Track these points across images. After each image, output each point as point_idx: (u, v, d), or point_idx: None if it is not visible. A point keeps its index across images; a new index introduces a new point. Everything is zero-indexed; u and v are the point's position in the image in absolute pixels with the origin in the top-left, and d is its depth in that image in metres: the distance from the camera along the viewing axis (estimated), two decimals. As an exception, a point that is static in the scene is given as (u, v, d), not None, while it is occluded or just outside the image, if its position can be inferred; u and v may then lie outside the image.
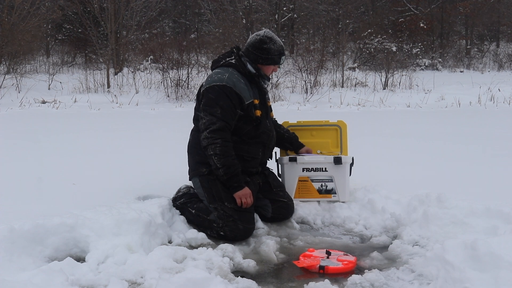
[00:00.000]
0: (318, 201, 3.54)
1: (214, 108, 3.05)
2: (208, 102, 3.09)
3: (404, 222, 3.15)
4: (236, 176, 3.06)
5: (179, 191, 3.36)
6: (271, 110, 3.47)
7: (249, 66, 3.21)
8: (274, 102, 11.31)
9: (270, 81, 3.49)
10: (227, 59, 3.24)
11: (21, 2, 13.81)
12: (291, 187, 3.54)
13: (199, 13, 24.01)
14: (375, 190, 3.55)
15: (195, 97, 3.34)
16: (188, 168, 3.32)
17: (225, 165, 3.02)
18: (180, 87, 12.23)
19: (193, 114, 3.32)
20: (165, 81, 12.40)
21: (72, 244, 2.68)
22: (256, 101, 3.21)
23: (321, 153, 3.65)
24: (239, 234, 2.99)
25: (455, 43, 24.07)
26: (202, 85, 3.23)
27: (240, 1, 17.89)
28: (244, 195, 3.07)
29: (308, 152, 3.62)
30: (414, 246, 2.84)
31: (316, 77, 12.98)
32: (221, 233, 3.00)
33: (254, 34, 3.28)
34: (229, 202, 3.06)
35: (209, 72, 3.33)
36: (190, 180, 3.32)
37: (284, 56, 3.26)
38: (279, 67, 3.59)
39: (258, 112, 3.19)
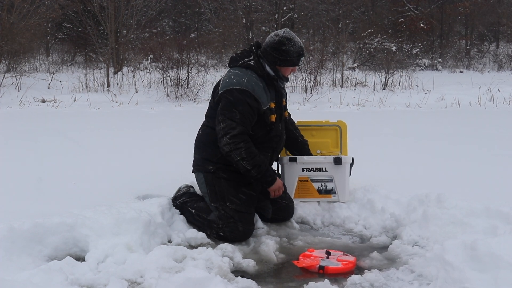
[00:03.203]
0: (318, 201, 3.54)
1: (232, 113, 2.99)
2: (227, 106, 3.01)
3: (403, 222, 3.15)
4: (268, 171, 3.09)
5: (179, 190, 3.36)
6: (286, 109, 3.40)
7: (267, 68, 3.13)
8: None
9: (289, 81, 3.43)
10: (246, 59, 3.14)
11: (21, 1, 13.79)
12: (291, 187, 3.54)
13: (199, 12, 24.00)
14: (375, 190, 3.55)
15: (211, 92, 3.25)
16: (192, 160, 3.28)
17: (256, 165, 3.01)
18: (180, 87, 12.21)
19: (207, 109, 3.26)
20: (165, 80, 12.39)
21: (72, 243, 2.68)
22: (273, 105, 3.15)
23: (321, 153, 3.65)
24: (239, 235, 2.99)
25: (455, 44, 24.06)
26: (218, 84, 3.15)
27: (240, 1, 17.88)
28: (278, 188, 3.14)
29: None
30: (413, 246, 2.84)
31: (316, 77, 12.96)
32: (221, 233, 3.00)
33: (273, 34, 3.17)
34: (231, 203, 3.05)
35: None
36: (193, 173, 3.28)
37: (303, 57, 3.17)
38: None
39: (273, 117, 3.14)
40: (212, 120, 3.13)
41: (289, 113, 3.54)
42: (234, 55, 3.24)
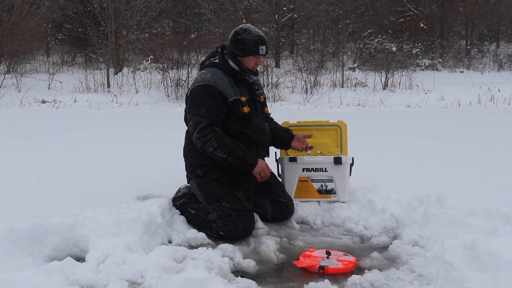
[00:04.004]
0: (318, 201, 3.54)
1: (198, 108, 3.06)
2: (193, 103, 3.11)
3: (404, 222, 3.15)
4: (246, 154, 3.07)
5: (179, 191, 3.37)
6: (265, 106, 3.43)
7: (231, 63, 3.19)
8: (274, 102, 11.30)
9: (259, 76, 3.43)
10: (211, 59, 3.24)
11: (21, 2, 13.79)
12: (291, 187, 3.54)
13: (199, 13, 23.99)
14: (375, 190, 3.55)
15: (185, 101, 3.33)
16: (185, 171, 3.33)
17: (230, 152, 3.02)
18: (180, 87, 12.22)
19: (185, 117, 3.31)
20: (165, 81, 12.40)
21: (72, 243, 2.68)
22: (243, 98, 3.17)
23: (321, 153, 3.65)
24: (239, 233, 2.99)
25: (455, 44, 24.06)
26: (189, 88, 3.23)
27: (240, 1, 17.88)
28: (262, 169, 3.10)
29: (302, 139, 3.40)
30: (414, 247, 2.84)
31: (316, 77, 12.97)
32: (221, 233, 2.99)
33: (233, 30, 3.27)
34: (227, 202, 3.06)
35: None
36: (188, 183, 3.33)
37: (263, 46, 3.16)
38: (264, 59, 3.47)
39: (245, 109, 3.16)
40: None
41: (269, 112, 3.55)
42: (203, 59, 3.34)
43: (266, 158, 3.44)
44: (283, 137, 3.44)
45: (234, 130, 3.15)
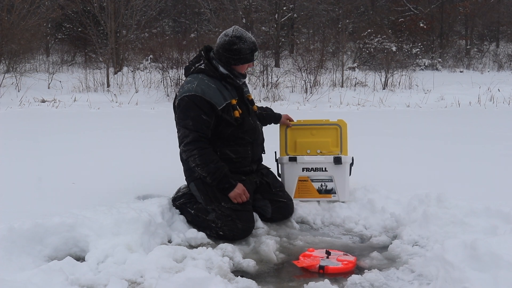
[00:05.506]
0: (318, 201, 3.54)
1: (186, 120, 3.04)
2: (180, 114, 3.08)
3: (404, 222, 3.15)
4: (225, 178, 3.05)
5: (178, 191, 3.37)
6: (253, 104, 3.42)
7: (221, 69, 3.15)
8: (274, 102, 11.31)
9: (247, 77, 3.45)
10: (197, 65, 3.18)
11: (20, 1, 13.78)
12: (291, 187, 3.54)
13: (199, 12, 23.98)
14: (375, 190, 3.55)
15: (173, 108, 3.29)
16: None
17: (210, 172, 3.03)
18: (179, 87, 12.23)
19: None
20: (164, 80, 12.40)
21: (72, 243, 2.68)
22: (234, 101, 3.16)
23: (321, 152, 3.65)
24: (238, 233, 2.99)
25: (455, 43, 24.06)
26: (176, 96, 3.20)
27: (240, 1, 17.87)
28: (238, 195, 3.06)
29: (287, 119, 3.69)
30: (414, 246, 2.84)
31: (316, 76, 12.97)
32: (220, 233, 3.00)
33: (223, 34, 3.16)
34: (226, 202, 3.06)
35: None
36: (188, 186, 3.33)
37: (256, 52, 3.16)
38: (254, 64, 3.48)
39: (237, 113, 3.15)
40: None
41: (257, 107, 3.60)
42: (188, 64, 3.29)
43: (263, 155, 3.46)
44: (272, 119, 3.69)
45: (228, 134, 3.15)
